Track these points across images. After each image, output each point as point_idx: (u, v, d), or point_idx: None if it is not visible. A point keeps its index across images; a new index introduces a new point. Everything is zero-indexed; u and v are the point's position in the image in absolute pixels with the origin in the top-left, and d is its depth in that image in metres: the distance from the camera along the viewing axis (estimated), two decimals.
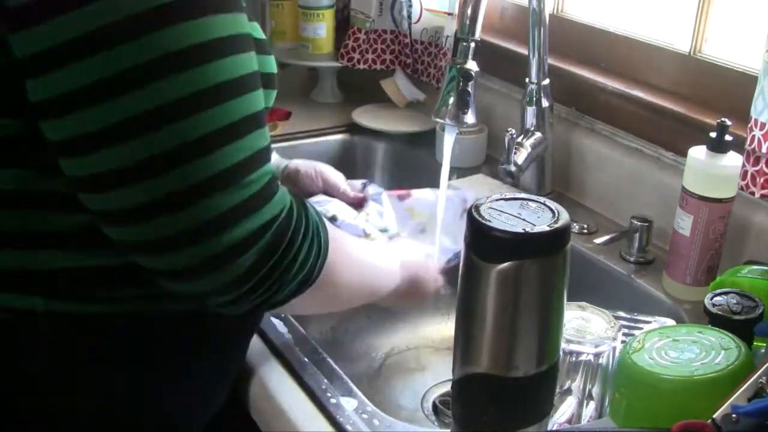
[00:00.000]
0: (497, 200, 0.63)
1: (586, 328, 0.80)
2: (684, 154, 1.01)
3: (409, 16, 1.54)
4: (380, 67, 1.63)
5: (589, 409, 0.81)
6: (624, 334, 0.81)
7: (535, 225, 0.60)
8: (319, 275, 0.72)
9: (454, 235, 1.08)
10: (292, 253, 0.67)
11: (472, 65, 1.04)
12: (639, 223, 1.10)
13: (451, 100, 1.05)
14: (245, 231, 0.64)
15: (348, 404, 0.80)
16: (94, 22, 0.58)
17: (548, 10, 1.19)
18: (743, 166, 0.96)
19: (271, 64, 0.78)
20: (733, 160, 0.97)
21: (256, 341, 0.90)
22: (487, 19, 1.12)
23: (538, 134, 1.23)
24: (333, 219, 1.03)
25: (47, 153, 0.63)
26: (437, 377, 1.09)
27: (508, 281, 0.60)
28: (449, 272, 1.03)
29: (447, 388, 1.05)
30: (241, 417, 0.88)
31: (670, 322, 0.90)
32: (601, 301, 0.85)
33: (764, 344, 0.74)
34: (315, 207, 0.74)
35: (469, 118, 1.05)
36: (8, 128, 0.65)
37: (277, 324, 0.93)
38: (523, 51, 1.25)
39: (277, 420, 0.81)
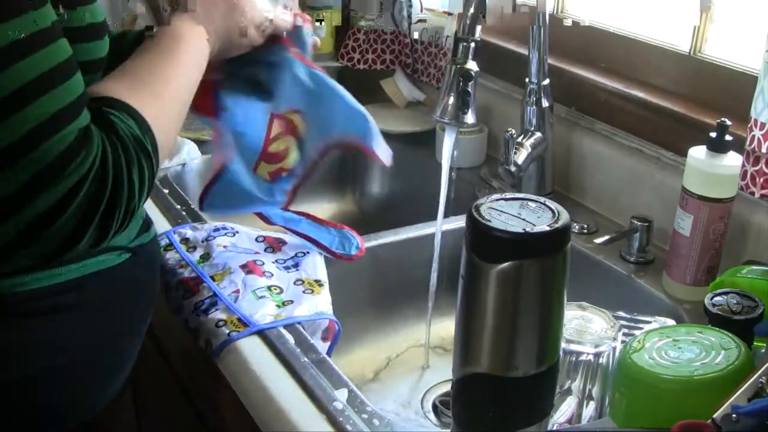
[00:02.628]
0: (497, 200, 0.63)
1: (586, 328, 0.80)
2: (684, 154, 1.01)
3: (409, 16, 1.54)
4: (380, 67, 1.63)
5: (589, 409, 0.81)
6: (624, 334, 0.81)
7: (535, 225, 0.60)
8: (158, 161, 0.74)
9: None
10: (124, 187, 0.69)
11: (472, 65, 1.04)
12: (639, 223, 1.10)
13: (451, 100, 1.05)
14: (45, 204, 0.65)
15: (348, 404, 0.80)
16: None
17: (548, 10, 1.19)
18: (743, 166, 0.96)
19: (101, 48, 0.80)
20: (733, 160, 0.97)
21: (256, 342, 0.90)
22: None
23: (538, 134, 1.23)
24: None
25: None
26: (437, 377, 1.09)
27: (508, 281, 0.60)
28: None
29: (447, 388, 1.05)
30: (241, 417, 0.88)
31: (670, 322, 0.90)
32: (601, 301, 0.85)
33: (764, 344, 0.74)
34: (125, 112, 0.73)
35: (469, 118, 1.05)
36: None
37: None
38: (523, 51, 1.25)
39: (277, 420, 0.81)
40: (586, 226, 1.19)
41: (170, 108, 0.80)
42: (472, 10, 1.04)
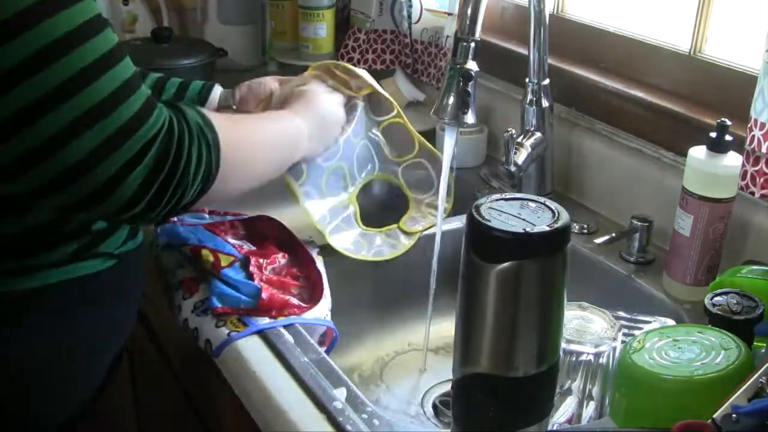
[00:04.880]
0: (497, 200, 0.63)
1: (586, 328, 0.80)
2: (684, 154, 1.01)
3: (409, 16, 1.54)
4: (380, 67, 1.63)
5: (589, 409, 0.81)
6: (624, 334, 0.81)
7: (535, 225, 0.60)
8: (219, 165, 0.77)
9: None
10: (183, 158, 0.73)
11: (472, 65, 1.04)
12: (639, 223, 1.10)
13: (451, 100, 1.05)
14: (123, 158, 0.68)
15: (348, 404, 0.80)
16: None
17: (548, 10, 1.19)
18: (743, 166, 0.96)
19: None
20: (733, 160, 0.97)
21: (256, 341, 0.90)
22: (487, 19, 1.12)
23: (538, 134, 1.23)
24: None
25: None
26: (437, 377, 1.09)
27: (508, 281, 0.60)
28: None
29: (447, 388, 1.05)
30: (241, 417, 0.88)
31: (670, 322, 0.90)
32: (601, 301, 0.85)
33: (764, 344, 0.74)
34: (192, 106, 0.79)
35: (469, 118, 1.05)
36: None
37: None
38: (523, 51, 1.25)
39: (277, 420, 0.81)
40: (586, 226, 1.19)
41: (250, 142, 0.86)
42: (471, 10, 1.04)
